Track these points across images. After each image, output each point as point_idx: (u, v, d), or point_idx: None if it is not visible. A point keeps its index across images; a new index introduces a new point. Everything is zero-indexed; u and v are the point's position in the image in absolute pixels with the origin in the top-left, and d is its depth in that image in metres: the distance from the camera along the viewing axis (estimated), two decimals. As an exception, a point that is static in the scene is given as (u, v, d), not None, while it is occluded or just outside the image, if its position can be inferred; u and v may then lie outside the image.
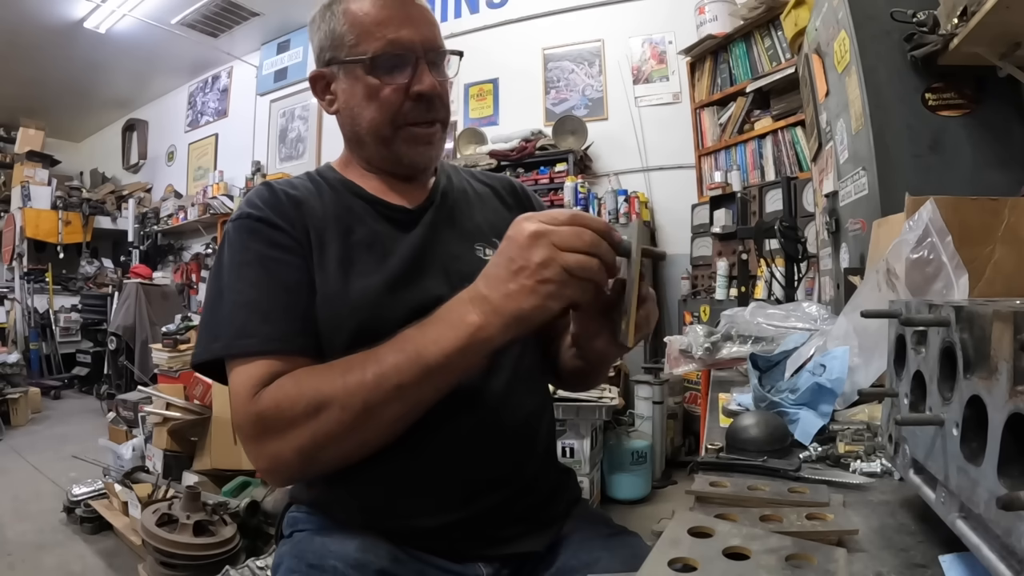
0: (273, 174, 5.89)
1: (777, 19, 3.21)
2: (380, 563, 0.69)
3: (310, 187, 0.83)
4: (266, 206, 0.77)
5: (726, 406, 1.04)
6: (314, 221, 0.78)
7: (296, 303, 0.73)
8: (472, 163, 4.30)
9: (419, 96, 0.79)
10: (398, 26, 0.78)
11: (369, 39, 0.78)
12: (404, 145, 0.82)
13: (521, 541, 0.79)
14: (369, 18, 0.79)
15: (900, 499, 0.62)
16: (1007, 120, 1.39)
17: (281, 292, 0.73)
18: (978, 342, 0.41)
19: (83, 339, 6.15)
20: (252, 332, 0.70)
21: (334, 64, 0.82)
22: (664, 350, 1.74)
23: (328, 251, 0.77)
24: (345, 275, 0.75)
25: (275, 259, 0.74)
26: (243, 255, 0.75)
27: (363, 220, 0.81)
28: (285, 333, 0.71)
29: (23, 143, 6.96)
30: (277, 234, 0.75)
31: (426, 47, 0.80)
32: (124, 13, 5.33)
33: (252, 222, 0.76)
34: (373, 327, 0.70)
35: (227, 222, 0.81)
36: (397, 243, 0.81)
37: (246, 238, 0.75)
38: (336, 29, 0.80)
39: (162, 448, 2.70)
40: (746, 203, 3.41)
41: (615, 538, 0.83)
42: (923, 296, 0.82)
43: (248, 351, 0.69)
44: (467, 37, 4.84)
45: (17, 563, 2.28)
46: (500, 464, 0.77)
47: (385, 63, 0.78)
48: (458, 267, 0.80)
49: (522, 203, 0.97)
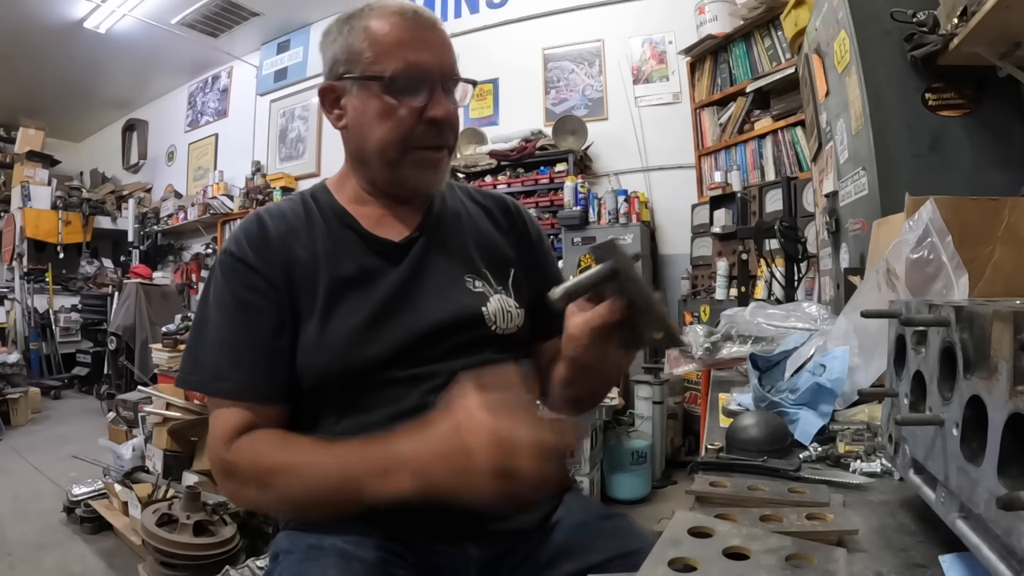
0: (273, 174, 5.89)
1: (777, 19, 3.20)
2: (376, 540, 0.73)
3: (301, 217, 0.84)
4: (250, 246, 0.80)
5: (726, 406, 1.04)
6: (301, 262, 0.80)
7: (264, 349, 0.77)
8: (472, 163, 4.30)
9: (432, 121, 0.80)
10: (418, 49, 0.79)
11: (388, 58, 0.78)
12: (411, 168, 0.82)
13: (508, 521, 0.80)
14: (390, 37, 0.78)
15: (900, 499, 0.62)
16: (1007, 120, 1.39)
17: (251, 337, 0.77)
18: (978, 342, 0.41)
19: (83, 339, 6.15)
20: (225, 376, 0.76)
21: (347, 79, 0.81)
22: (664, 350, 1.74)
23: (316, 290, 0.79)
24: (329, 317, 0.78)
25: (249, 304, 0.78)
26: (222, 294, 0.79)
27: (351, 254, 0.82)
28: (253, 381, 0.76)
29: (23, 143, 6.96)
30: (254, 277, 0.78)
31: (443, 73, 0.81)
32: (124, 13, 5.33)
33: (234, 262, 0.79)
34: (356, 367, 0.76)
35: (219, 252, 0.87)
36: (383, 277, 0.82)
37: (226, 278, 0.79)
38: (354, 44, 0.80)
39: (162, 448, 2.70)
40: (746, 203, 3.41)
41: (608, 520, 0.84)
42: (923, 296, 0.82)
43: (222, 394, 0.76)
44: (467, 37, 4.84)
45: (17, 563, 2.28)
46: None
47: (403, 84, 0.78)
48: (448, 298, 0.82)
49: (515, 224, 0.96)
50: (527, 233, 0.96)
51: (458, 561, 0.77)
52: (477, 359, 0.80)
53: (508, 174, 4.27)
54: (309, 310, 0.78)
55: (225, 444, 0.73)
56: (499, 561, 0.79)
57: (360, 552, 0.71)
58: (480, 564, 0.78)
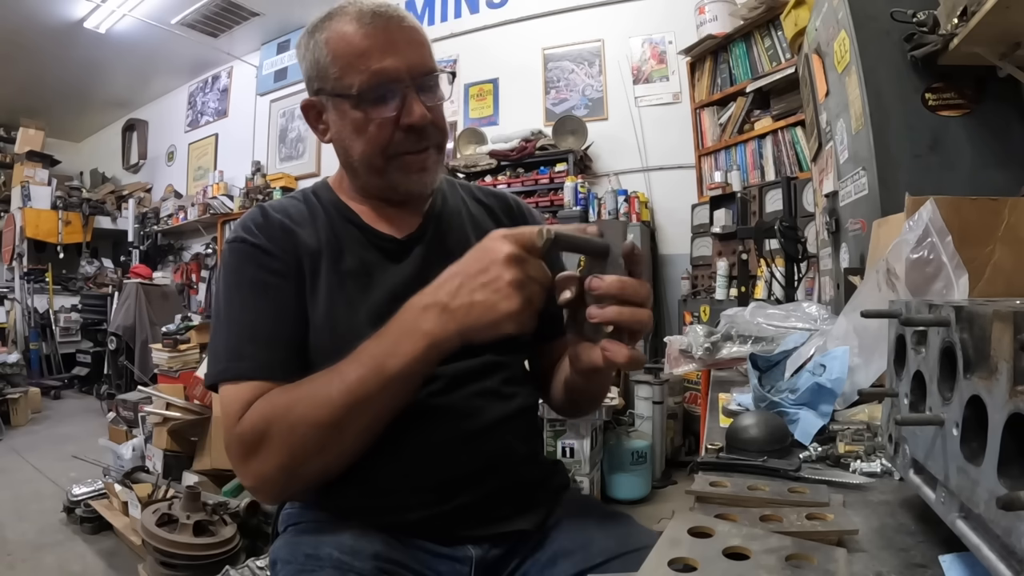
0: (273, 174, 5.89)
1: (777, 19, 3.20)
2: (373, 548, 0.72)
3: (304, 211, 0.84)
4: (260, 232, 0.79)
5: (726, 406, 1.04)
6: (307, 250, 0.79)
7: (284, 328, 0.75)
8: (472, 163, 4.30)
9: (409, 128, 0.78)
10: (381, 55, 0.75)
11: (352, 72, 0.75)
12: (397, 174, 0.81)
13: (509, 521, 0.80)
14: (351, 48, 0.75)
15: (900, 499, 0.62)
16: (1007, 120, 1.39)
17: (271, 316, 0.75)
18: (978, 342, 0.41)
19: (83, 339, 6.16)
20: (245, 355, 0.73)
21: (322, 95, 0.80)
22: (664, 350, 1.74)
23: (319, 281, 0.78)
24: (333, 306, 0.77)
25: (267, 283, 0.76)
26: (237, 277, 0.77)
27: (352, 248, 0.82)
28: (273, 360, 0.73)
29: (23, 143, 6.96)
30: (269, 259, 0.77)
31: (413, 73, 0.77)
32: (124, 13, 5.33)
33: (246, 247, 0.78)
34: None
35: (224, 243, 0.83)
36: (384, 274, 0.81)
37: (240, 262, 0.78)
38: (320, 60, 0.78)
39: (162, 448, 2.70)
40: (746, 203, 3.41)
41: (608, 519, 0.84)
42: (923, 296, 0.82)
43: (239, 374, 0.72)
44: (467, 37, 4.84)
45: (17, 563, 2.28)
46: (473, 466, 0.78)
47: (371, 96, 0.76)
48: None
49: (517, 222, 0.94)
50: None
51: (458, 562, 0.77)
52: (478, 360, 0.80)
53: (508, 174, 4.27)
54: (313, 297, 0.78)
55: (236, 421, 0.69)
56: (499, 561, 0.79)
57: (357, 563, 0.70)
58: (480, 564, 0.78)
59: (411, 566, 0.74)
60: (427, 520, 0.77)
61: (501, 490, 0.79)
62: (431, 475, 0.77)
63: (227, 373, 0.73)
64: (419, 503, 0.77)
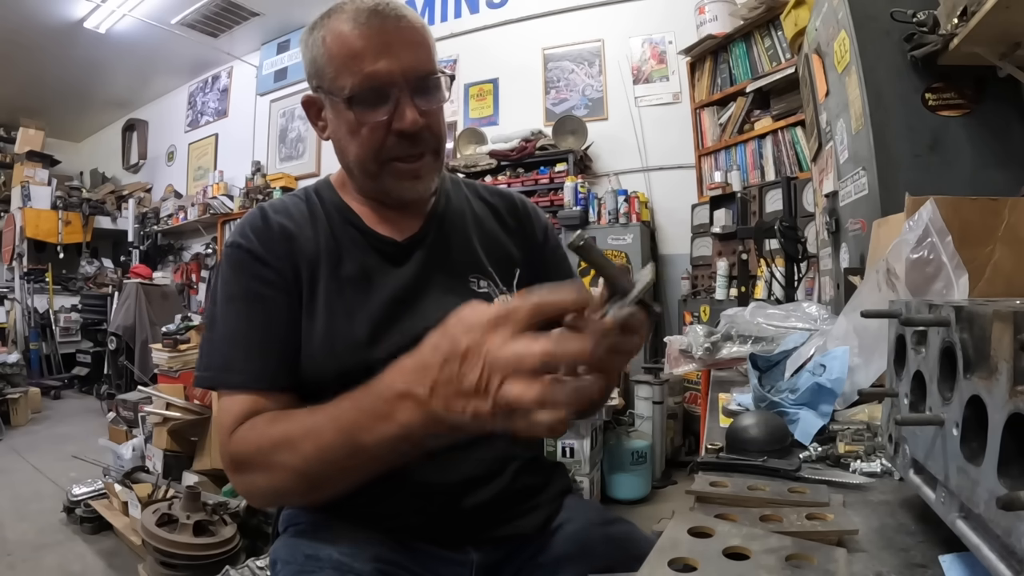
0: (273, 174, 5.89)
1: (777, 19, 3.20)
2: (373, 549, 0.72)
3: (305, 212, 0.83)
4: (257, 238, 0.78)
5: (726, 406, 1.04)
6: (305, 256, 0.79)
7: (276, 340, 0.75)
8: (472, 163, 4.30)
9: (401, 133, 0.76)
10: (375, 57, 0.73)
11: (346, 73, 0.74)
12: (390, 179, 0.80)
13: (511, 525, 0.79)
14: (345, 50, 0.74)
15: (900, 499, 0.62)
16: (1007, 120, 1.39)
17: (264, 328, 0.75)
18: (978, 342, 0.41)
19: (83, 339, 6.16)
20: (237, 368, 0.73)
21: (320, 92, 0.80)
22: (664, 350, 1.74)
23: (317, 288, 0.78)
24: (331, 315, 0.77)
25: (260, 295, 0.76)
26: (232, 287, 0.77)
27: (352, 252, 0.81)
28: (265, 371, 0.73)
29: (23, 143, 6.96)
30: (264, 269, 0.77)
31: (408, 75, 0.75)
32: (124, 13, 5.33)
33: (242, 254, 0.77)
34: (356, 367, 0.69)
35: (223, 246, 0.83)
36: (385, 278, 0.80)
37: (235, 271, 0.77)
38: (318, 59, 0.77)
39: (162, 448, 2.70)
40: (746, 203, 3.41)
41: (609, 525, 0.84)
42: (923, 296, 0.82)
43: (230, 386, 0.73)
44: (467, 37, 4.84)
45: (17, 563, 2.28)
46: (475, 472, 0.78)
47: (363, 99, 0.74)
48: (452, 299, 0.80)
49: (522, 223, 0.93)
50: (534, 233, 0.93)
51: (459, 565, 0.77)
52: None
53: (508, 174, 4.26)
54: (311, 308, 0.77)
55: (229, 434, 0.70)
56: (500, 565, 0.79)
57: (356, 564, 0.70)
58: (481, 568, 0.77)
59: (411, 568, 0.74)
60: (428, 524, 0.76)
61: (503, 495, 0.79)
62: (432, 481, 0.76)
63: (217, 383, 0.74)
64: (420, 508, 0.76)
